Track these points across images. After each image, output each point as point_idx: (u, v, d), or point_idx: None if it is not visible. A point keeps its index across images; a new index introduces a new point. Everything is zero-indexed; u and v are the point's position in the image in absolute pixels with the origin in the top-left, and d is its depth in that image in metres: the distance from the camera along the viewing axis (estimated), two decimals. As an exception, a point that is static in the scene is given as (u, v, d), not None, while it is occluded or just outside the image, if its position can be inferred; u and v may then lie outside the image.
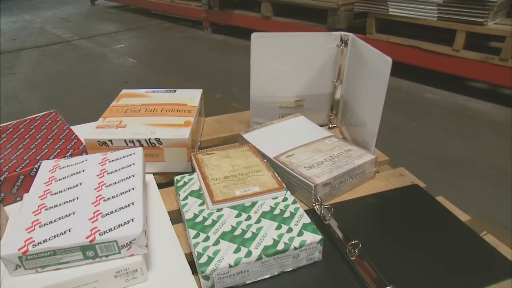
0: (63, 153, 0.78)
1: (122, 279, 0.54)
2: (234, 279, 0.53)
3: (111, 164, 0.67)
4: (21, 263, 0.50)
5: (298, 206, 0.62)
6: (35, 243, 0.50)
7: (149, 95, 0.95)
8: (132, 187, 0.60)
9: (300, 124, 0.91)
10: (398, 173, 0.83)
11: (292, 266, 0.57)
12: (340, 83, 0.97)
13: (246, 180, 0.67)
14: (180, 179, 0.70)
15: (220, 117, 1.05)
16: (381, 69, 0.73)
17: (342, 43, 0.91)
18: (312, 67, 0.94)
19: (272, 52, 0.89)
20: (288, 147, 0.81)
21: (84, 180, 0.63)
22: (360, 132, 0.86)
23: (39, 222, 0.54)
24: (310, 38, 0.91)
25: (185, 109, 0.87)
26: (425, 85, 2.04)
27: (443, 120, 1.69)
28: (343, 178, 0.74)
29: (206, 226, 0.58)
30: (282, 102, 0.97)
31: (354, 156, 0.78)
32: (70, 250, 0.51)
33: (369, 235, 0.64)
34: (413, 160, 1.41)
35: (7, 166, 0.74)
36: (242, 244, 0.55)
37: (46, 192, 0.61)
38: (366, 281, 0.55)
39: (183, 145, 0.76)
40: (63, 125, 0.90)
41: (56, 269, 0.52)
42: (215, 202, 0.61)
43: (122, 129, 0.79)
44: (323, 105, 1.01)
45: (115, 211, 0.55)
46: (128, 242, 0.52)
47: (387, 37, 1.99)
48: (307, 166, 0.74)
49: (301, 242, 0.55)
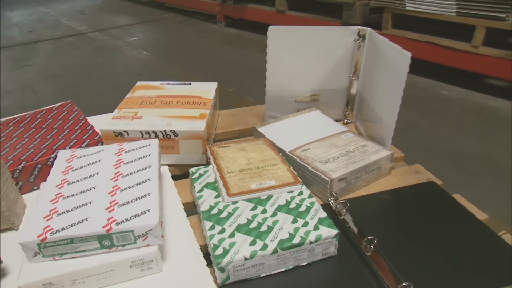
0: (79, 143, 0.78)
1: (137, 269, 0.54)
2: (249, 271, 0.53)
3: (127, 155, 0.67)
4: (40, 250, 0.51)
5: (314, 200, 0.62)
6: (53, 231, 0.51)
7: (164, 87, 0.95)
8: (148, 178, 0.60)
9: (316, 119, 0.90)
10: (414, 170, 0.82)
11: (307, 260, 0.57)
12: (357, 78, 0.96)
13: (262, 173, 0.66)
14: (196, 171, 0.70)
15: (235, 111, 1.05)
16: (399, 64, 0.72)
17: (359, 38, 0.90)
18: (328, 62, 0.93)
19: (288, 46, 0.89)
20: (303, 142, 0.80)
21: (100, 170, 0.64)
22: (376, 128, 0.85)
23: (57, 210, 0.55)
24: (327, 32, 0.90)
25: (200, 101, 0.87)
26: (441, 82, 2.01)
27: (460, 118, 1.67)
28: (359, 173, 0.73)
29: (221, 218, 0.58)
30: (298, 96, 0.96)
31: (370, 151, 0.77)
32: (87, 239, 0.51)
33: (384, 231, 0.64)
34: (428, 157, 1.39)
35: (24, 155, 0.74)
36: (258, 237, 0.54)
37: (63, 181, 0.61)
38: (381, 277, 0.55)
39: (198, 137, 0.76)
40: (79, 115, 0.90)
41: (73, 257, 0.52)
42: (231, 195, 0.61)
43: (137, 120, 0.79)
44: (338, 100, 1.00)
45: (131, 201, 0.55)
46: (144, 232, 0.52)
47: (403, 33, 1.96)
48: (322, 161, 0.73)
49: (317, 236, 0.55)
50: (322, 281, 0.55)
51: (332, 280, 0.55)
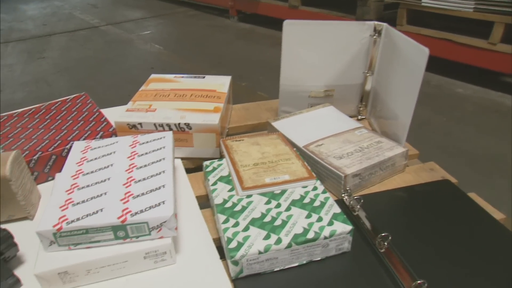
0: (94, 135, 0.79)
1: (151, 260, 0.54)
2: (262, 265, 0.53)
3: (141, 147, 0.67)
4: (55, 239, 0.51)
5: (328, 196, 0.62)
6: (68, 221, 0.51)
7: (178, 80, 0.95)
8: (163, 170, 0.60)
9: (329, 114, 0.90)
10: (428, 167, 0.81)
11: (320, 256, 0.56)
12: (372, 74, 0.95)
13: (276, 168, 0.66)
14: (209, 164, 0.70)
15: (248, 105, 1.04)
16: (416, 60, 0.71)
17: (375, 33, 0.89)
18: (343, 57, 0.92)
19: (303, 40, 0.88)
20: (317, 137, 0.79)
21: (115, 161, 0.64)
22: (391, 125, 0.84)
23: (72, 200, 0.55)
24: (343, 27, 0.89)
25: (214, 95, 0.87)
26: (456, 80, 1.98)
27: (475, 116, 1.64)
28: (373, 169, 0.73)
29: (235, 212, 0.58)
30: (312, 91, 0.95)
31: (384, 148, 0.76)
32: (102, 230, 0.51)
33: (398, 228, 0.63)
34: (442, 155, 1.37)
35: (40, 146, 0.75)
36: (272, 231, 0.54)
37: (78, 172, 0.62)
38: (395, 275, 0.54)
39: (212, 130, 0.75)
40: (93, 107, 0.91)
41: (88, 247, 0.53)
42: (245, 189, 0.61)
43: (151, 113, 0.79)
44: (352, 96, 0.99)
45: (146, 193, 0.56)
46: (159, 224, 0.52)
47: (418, 29, 1.94)
48: (336, 156, 0.73)
49: (331, 232, 0.54)
50: (336, 276, 0.54)
51: (346, 276, 0.55)
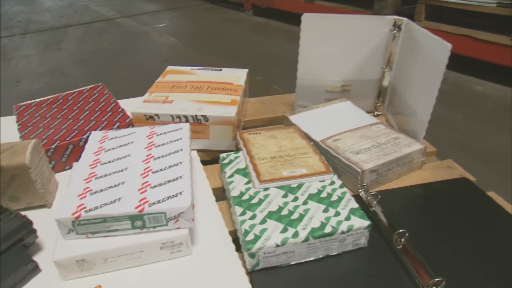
0: (111, 125, 0.79)
1: (167, 251, 0.54)
2: (279, 259, 0.53)
3: (158, 138, 0.67)
4: (74, 227, 0.51)
5: (345, 191, 0.61)
6: (87, 209, 0.52)
7: (194, 72, 0.95)
8: (180, 161, 0.60)
9: (346, 109, 0.89)
10: (446, 165, 0.80)
11: (337, 250, 0.56)
12: (390, 69, 0.93)
13: (293, 161, 0.66)
14: (226, 156, 0.70)
15: (264, 99, 1.04)
16: (438, 55, 0.70)
17: (395, 28, 0.88)
18: (361, 52, 0.91)
19: (321, 34, 0.87)
20: (334, 132, 0.79)
21: (132, 151, 0.64)
22: (409, 121, 0.83)
23: (90, 189, 0.55)
24: (362, 22, 0.87)
25: (231, 87, 0.86)
26: (474, 77, 1.94)
27: (493, 115, 1.61)
28: (391, 166, 0.72)
29: (252, 205, 0.58)
30: (328, 86, 0.95)
31: (402, 144, 0.76)
32: (120, 219, 0.52)
33: (415, 225, 0.62)
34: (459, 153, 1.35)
35: (58, 135, 0.76)
36: (289, 225, 0.54)
37: (96, 162, 0.62)
38: (412, 272, 0.54)
39: (229, 123, 0.75)
40: (109, 98, 0.91)
41: (105, 236, 0.53)
42: (262, 181, 0.61)
43: (168, 104, 0.79)
44: (369, 91, 0.98)
45: (163, 183, 0.56)
46: (176, 215, 0.52)
47: (437, 25, 1.90)
48: (354, 152, 0.72)
49: (348, 227, 0.54)
50: (352, 272, 0.54)
51: (362, 272, 0.54)
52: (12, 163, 0.60)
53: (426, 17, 1.95)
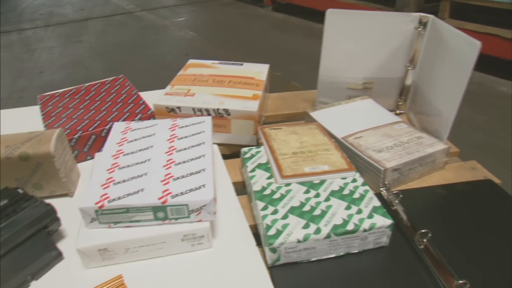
0: (132, 117, 0.80)
1: (188, 243, 0.54)
2: (300, 254, 0.52)
3: (181, 130, 0.67)
4: (97, 216, 0.52)
5: (367, 189, 0.60)
6: (110, 199, 0.52)
7: (216, 66, 0.95)
8: (203, 154, 0.60)
9: (368, 107, 0.88)
10: (469, 166, 0.79)
11: (358, 248, 0.55)
12: (413, 67, 0.92)
13: (315, 157, 0.65)
14: (248, 151, 0.70)
15: (284, 94, 1.03)
16: (466, 53, 0.68)
17: (420, 25, 0.86)
18: (384, 49, 0.90)
19: (345, 31, 0.86)
20: (356, 129, 0.78)
21: (154, 143, 0.64)
22: (432, 121, 0.81)
23: (114, 179, 0.56)
24: (387, 19, 0.86)
25: (252, 82, 0.86)
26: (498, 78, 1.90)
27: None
28: (413, 165, 0.71)
29: (274, 200, 0.58)
30: (350, 83, 0.94)
31: (425, 144, 0.74)
32: (142, 210, 0.52)
33: (437, 226, 0.61)
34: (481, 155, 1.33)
35: (80, 126, 0.77)
36: (311, 221, 0.54)
37: (118, 152, 0.62)
38: (434, 272, 0.53)
39: (251, 117, 0.75)
40: (131, 90, 0.92)
41: (127, 226, 0.53)
42: (284, 177, 0.60)
43: (190, 97, 0.79)
44: (392, 89, 0.96)
45: (186, 175, 0.56)
46: (199, 207, 0.52)
47: (461, 24, 1.86)
48: (376, 150, 0.71)
49: (371, 225, 0.53)
50: (373, 270, 0.53)
51: (383, 270, 0.53)
52: (37, 152, 0.61)
53: (450, 15, 1.91)
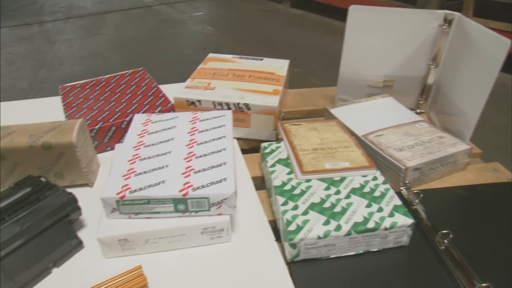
0: (152, 109, 0.80)
1: (207, 236, 0.54)
2: (319, 251, 0.52)
3: (201, 123, 0.67)
4: (118, 207, 0.52)
5: (388, 187, 0.60)
6: (131, 190, 0.52)
7: (236, 60, 0.95)
8: (224, 148, 0.60)
9: (389, 105, 0.87)
10: (492, 167, 0.77)
11: (378, 247, 0.55)
12: (436, 66, 0.90)
13: (335, 154, 0.65)
14: (268, 146, 0.70)
15: (303, 91, 1.03)
16: (494, 52, 0.67)
17: (445, 23, 0.85)
18: (407, 47, 0.89)
19: (368, 27, 0.85)
20: (376, 127, 0.77)
21: (175, 136, 0.64)
22: (455, 121, 0.80)
23: (135, 170, 0.56)
24: (411, 16, 0.85)
25: (273, 77, 0.86)
26: (522, 79, 1.86)
27: (540, 118, 1.55)
28: (434, 165, 0.70)
29: (294, 195, 0.57)
30: (371, 81, 0.93)
31: (447, 143, 0.73)
32: (163, 201, 0.52)
33: (458, 227, 0.60)
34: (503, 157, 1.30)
35: (101, 117, 0.77)
36: (332, 217, 0.53)
37: (139, 144, 0.63)
38: (455, 274, 0.52)
39: (271, 112, 0.75)
40: (151, 82, 0.92)
41: (148, 217, 0.54)
42: (305, 173, 0.60)
43: (210, 91, 0.79)
44: (412, 88, 0.95)
45: (207, 168, 0.56)
46: (220, 201, 0.52)
47: (485, 22, 1.82)
48: (397, 148, 0.70)
49: (392, 223, 0.53)
50: (392, 269, 0.53)
51: (403, 270, 0.53)
52: (60, 141, 0.61)
53: (474, 13, 1.87)
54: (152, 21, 2.90)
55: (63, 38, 2.54)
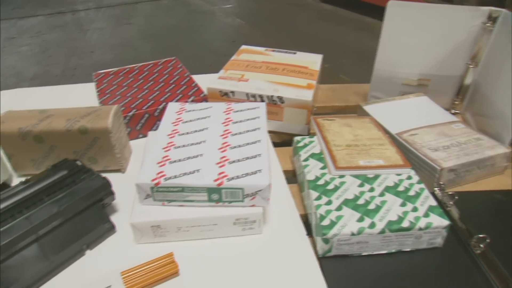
0: (185, 99, 0.81)
1: (239, 227, 0.54)
2: (352, 247, 0.52)
3: (235, 114, 0.67)
4: (152, 193, 0.53)
5: (423, 187, 0.58)
6: (166, 177, 0.53)
7: (269, 53, 0.95)
8: (258, 139, 0.60)
9: (424, 105, 0.85)
10: (531, 173, 0.75)
11: (411, 247, 0.54)
12: (475, 65, 0.88)
13: (370, 151, 0.64)
14: (301, 140, 0.69)
15: (335, 86, 1.02)
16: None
17: (488, 21, 0.82)
18: (445, 45, 0.86)
19: (406, 24, 0.83)
20: (411, 126, 0.76)
21: (209, 125, 0.65)
22: (494, 123, 0.78)
23: (169, 158, 0.57)
24: (452, 12, 0.82)
25: (306, 71, 0.85)
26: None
27: None
28: (470, 167, 0.68)
29: (328, 190, 0.57)
30: (406, 79, 0.91)
31: (485, 146, 0.71)
32: (198, 190, 0.52)
33: (495, 232, 0.58)
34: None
35: (134, 104, 0.78)
36: (366, 214, 0.52)
37: (174, 132, 0.63)
38: (492, 280, 0.51)
39: (304, 106, 0.74)
40: (184, 72, 0.93)
41: (181, 205, 0.54)
42: (339, 168, 0.59)
43: (244, 82, 0.79)
44: (448, 88, 0.92)
45: (242, 159, 0.56)
46: (254, 192, 0.52)
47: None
48: (432, 148, 0.69)
49: (427, 224, 0.52)
50: (425, 270, 0.52)
51: (436, 272, 0.52)
52: (95, 126, 0.62)
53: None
54: (182, 12, 2.91)
55: (95, 26, 2.58)
